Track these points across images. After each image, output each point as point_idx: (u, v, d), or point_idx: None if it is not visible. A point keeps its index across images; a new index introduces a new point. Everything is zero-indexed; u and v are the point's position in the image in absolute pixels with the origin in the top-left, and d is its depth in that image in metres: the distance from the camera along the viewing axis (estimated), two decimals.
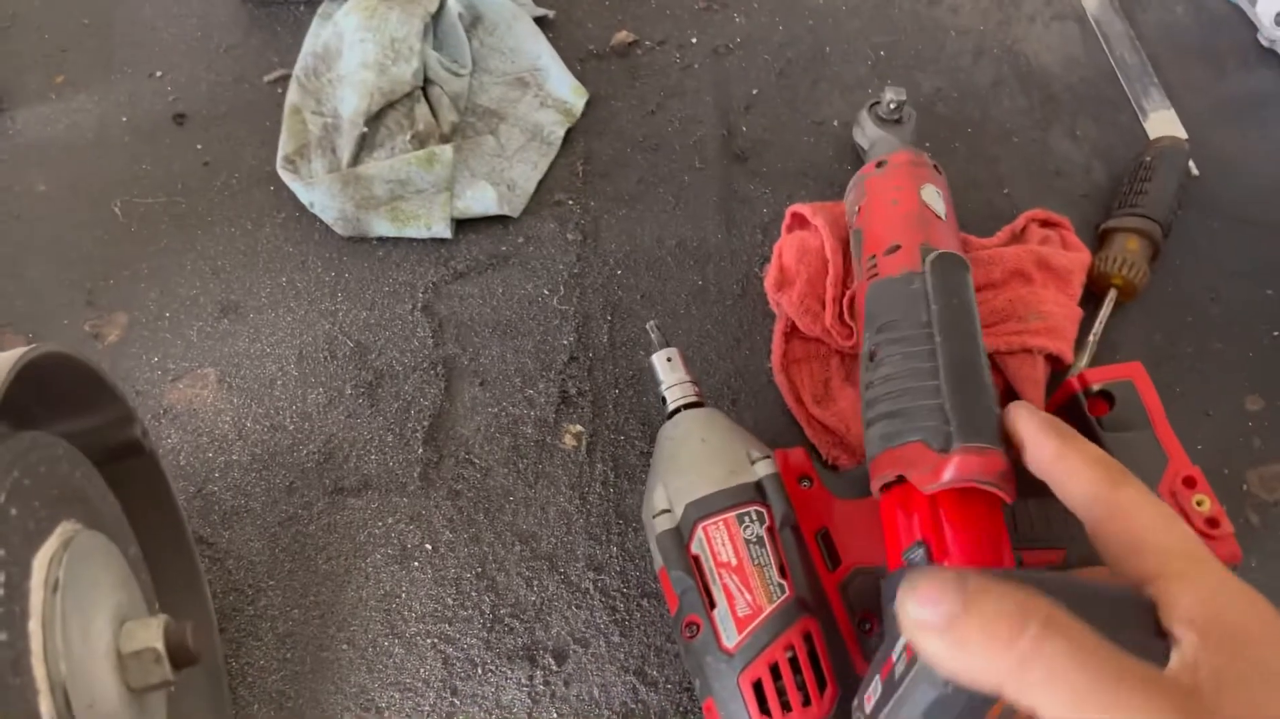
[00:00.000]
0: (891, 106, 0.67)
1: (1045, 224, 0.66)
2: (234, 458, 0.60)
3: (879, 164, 0.60)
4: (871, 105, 0.68)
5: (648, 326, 0.59)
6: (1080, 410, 0.54)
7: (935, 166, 0.60)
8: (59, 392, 0.42)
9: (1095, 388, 0.54)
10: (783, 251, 0.65)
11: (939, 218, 0.56)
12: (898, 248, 0.53)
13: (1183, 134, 0.72)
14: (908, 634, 0.31)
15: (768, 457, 0.52)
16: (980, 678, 0.29)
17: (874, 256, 0.55)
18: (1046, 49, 0.76)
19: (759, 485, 0.51)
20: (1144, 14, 0.77)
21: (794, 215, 0.66)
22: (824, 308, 0.62)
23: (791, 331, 0.64)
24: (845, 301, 0.62)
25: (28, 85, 0.71)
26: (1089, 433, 0.49)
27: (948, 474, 0.43)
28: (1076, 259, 0.63)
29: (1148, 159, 0.67)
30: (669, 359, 0.57)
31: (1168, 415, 0.53)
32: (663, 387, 0.57)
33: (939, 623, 0.30)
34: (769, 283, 0.64)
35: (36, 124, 0.70)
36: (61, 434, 0.42)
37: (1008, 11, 0.77)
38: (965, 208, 0.68)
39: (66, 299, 0.64)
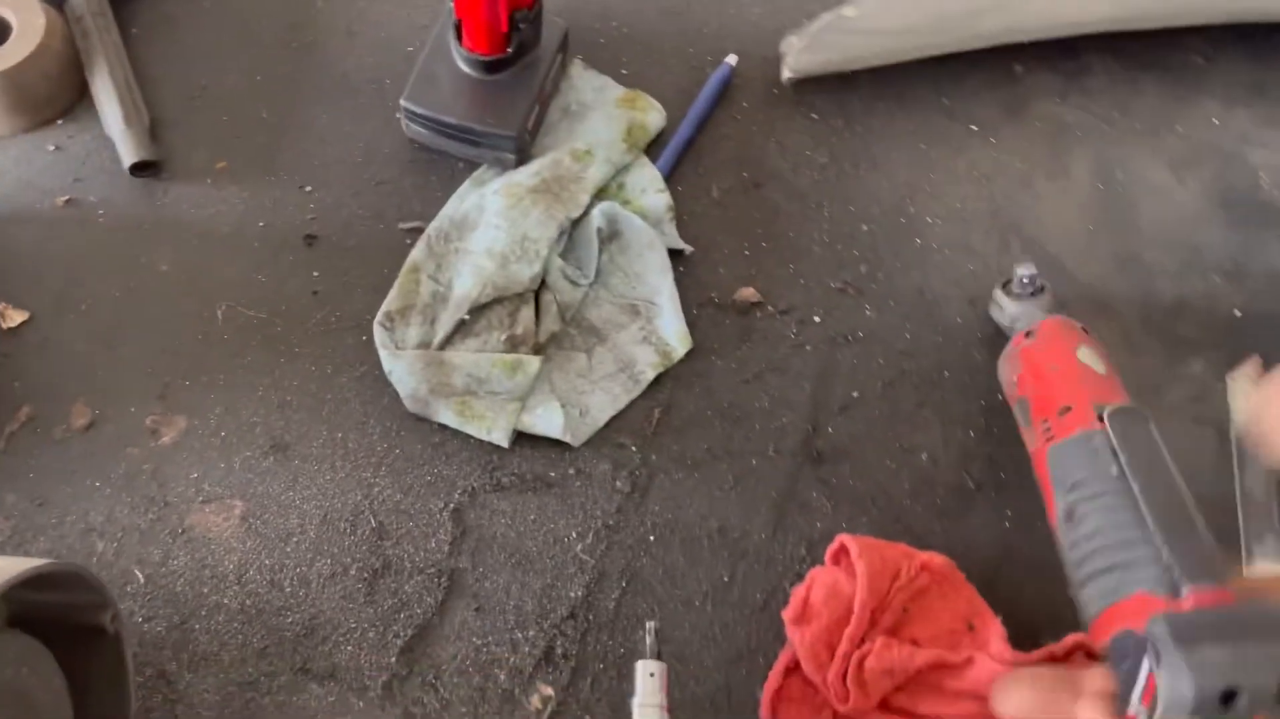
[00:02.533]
0: (1025, 282, 0.68)
1: (1091, 655, 0.62)
2: (224, 601, 0.61)
3: (1028, 334, 0.64)
4: (1005, 284, 0.70)
5: (646, 627, 0.58)
6: None
7: (1084, 329, 0.63)
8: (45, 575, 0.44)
9: None
10: (813, 584, 0.62)
11: (1101, 374, 0.60)
12: (1069, 409, 0.57)
13: None
14: None
15: None
16: None
17: (1046, 421, 0.58)
18: (1176, 448, 0.71)
19: None
20: None
21: (841, 547, 0.64)
22: (831, 660, 0.60)
23: (794, 668, 0.62)
24: (854, 662, 0.59)
25: (192, 162, 0.75)
26: None
27: None
28: None
29: None
30: (652, 674, 0.56)
31: None
32: (634, 702, 0.55)
33: None
34: (789, 613, 0.62)
35: (185, 202, 0.73)
36: (34, 604, 0.43)
37: (1148, 395, 0.73)
38: (1025, 599, 0.64)
39: (143, 387, 0.67)
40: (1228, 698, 0.37)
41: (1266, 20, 0.85)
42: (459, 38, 0.73)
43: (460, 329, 0.69)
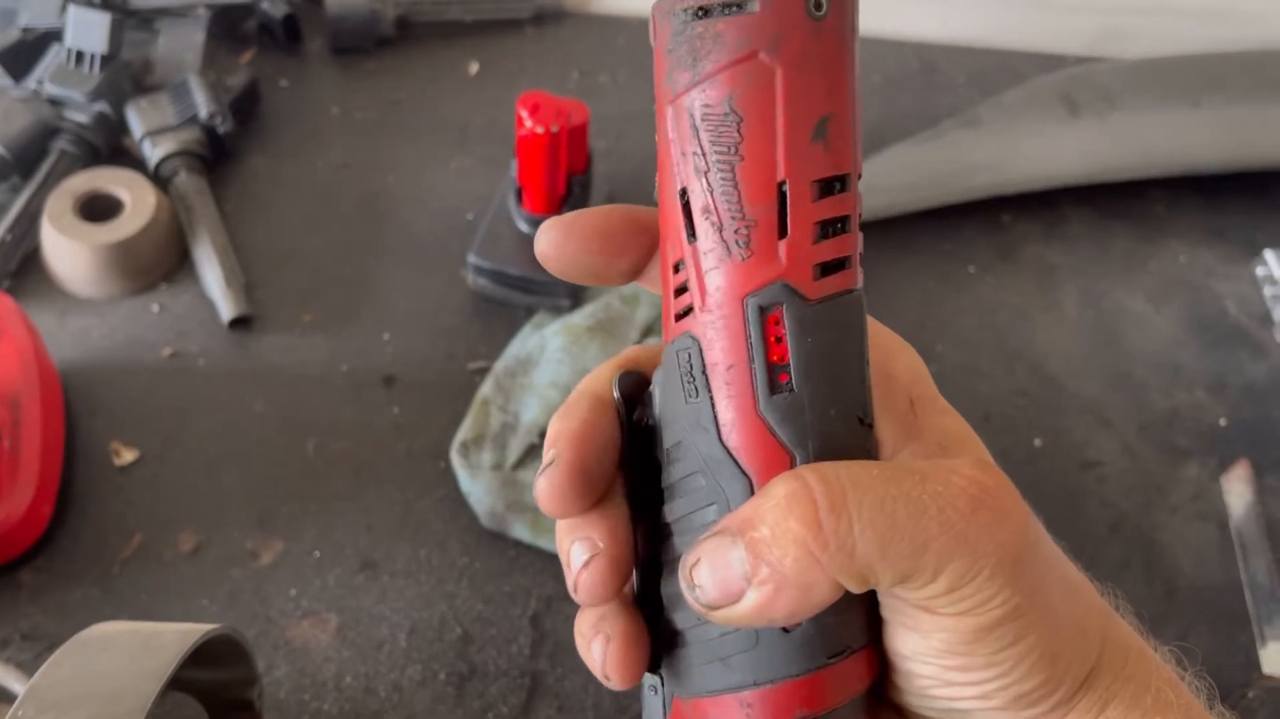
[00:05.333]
0: None
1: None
2: (324, 707, 0.66)
3: None
4: None
5: None
6: None
7: None
8: (205, 649, 0.49)
9: None
10: None
11: None
12: None
13: None
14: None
15: None
16: None
17: None
18: (1181, 544, 0.78)
19: None
20: None
21: None
22: None
23: None
24: None
25: (280, 314, 0.83)
26: None
27: None
28: None
29: (1250, 694, 0.68)
30: None
31: None
32: None
33: None
34: None
35: (275, 350, 0.82)
36: (190, 679, 0.48)
37: (1152, 496, 0.80)
38: None
39: (242, 514, 0.73)
40: None
41: (1218, 172, 0.97)
42: (519, 201, 0.84)
43: (530, 452, 0.76)
